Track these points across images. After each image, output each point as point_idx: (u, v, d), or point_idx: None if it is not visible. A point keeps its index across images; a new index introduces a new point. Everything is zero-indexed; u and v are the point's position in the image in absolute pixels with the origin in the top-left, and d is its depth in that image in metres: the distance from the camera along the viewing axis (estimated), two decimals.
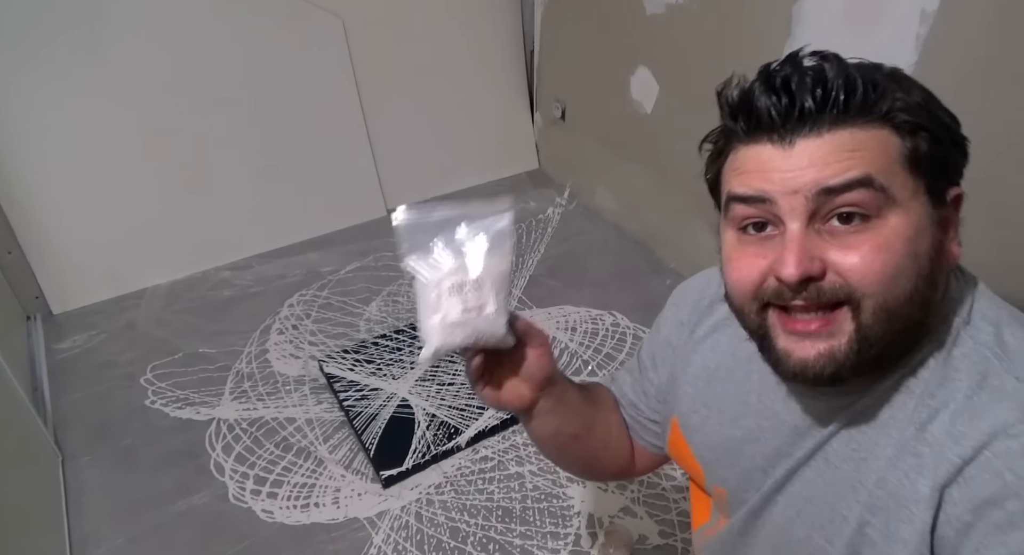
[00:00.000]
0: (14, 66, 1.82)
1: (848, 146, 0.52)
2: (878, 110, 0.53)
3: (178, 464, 1.58)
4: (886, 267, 0.52)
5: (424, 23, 2.33)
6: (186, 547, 1.41)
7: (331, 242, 2.35)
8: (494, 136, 2.64)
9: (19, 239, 1.97)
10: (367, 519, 1.44)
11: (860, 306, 0.53)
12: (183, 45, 2.00)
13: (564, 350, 1.86)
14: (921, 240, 0.53)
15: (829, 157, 0.52)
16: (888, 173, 0.52)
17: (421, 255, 0.62)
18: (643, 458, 0.88)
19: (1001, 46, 1.15)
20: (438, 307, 0.61)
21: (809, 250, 0.52)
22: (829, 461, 0.61)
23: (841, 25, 1.42)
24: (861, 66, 0.55)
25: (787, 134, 0.53)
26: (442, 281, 0.61)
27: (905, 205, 0.53)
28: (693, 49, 1.83)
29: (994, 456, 0.51)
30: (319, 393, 1.75)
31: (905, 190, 0.53)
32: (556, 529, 1.40)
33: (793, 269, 0.52)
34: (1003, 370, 0.53)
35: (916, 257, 0.53)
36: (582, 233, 2.34)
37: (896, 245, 0.52)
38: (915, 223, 0.53)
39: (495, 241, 0.63)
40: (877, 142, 0.52)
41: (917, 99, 0.54)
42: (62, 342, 1.97)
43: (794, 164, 0.53)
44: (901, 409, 0.56)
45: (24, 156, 1.91)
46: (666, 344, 0.80)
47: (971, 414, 0.53)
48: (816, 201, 0.52)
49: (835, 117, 0.52)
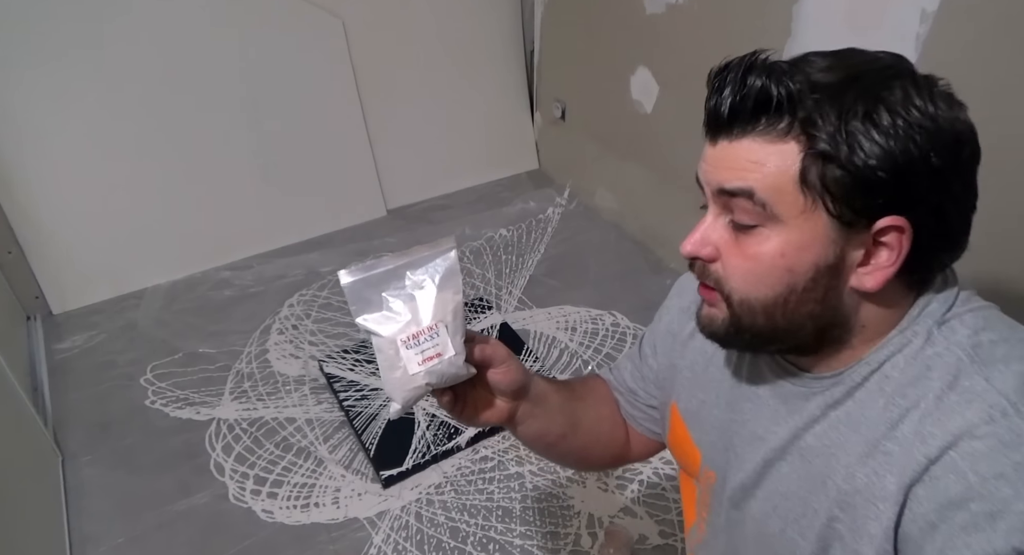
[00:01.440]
0: (14, 66, 1.82)
1: (749, 156, 0.55)
2: (784, 128, 0.53)
3: (178, 464, 1.58)
4: (748, 274, 0.58)
5: (424, 23, 2.33)
6: (186, 547, 1.41)
7: (331, 242, 2.35)
8: (494, 136, 2.64)
9: (19, 239, 1.97)
10: (367, 519, 1.44)
11: (729, 297, 0.59)
12: (183, 45, 2.00)
13: (564, 350, 1.86)
14: (800, 256, 0.55)
15: (731, 162, 0.56)
16: (775, 191, 0.54)
17: (372, 311, 0.63)
18: (640, 444, 0.90)
19: (1001, 46, 1.16)
20: (397, 362, 0.62)
21: (708, 236, 0.59)
22: (804, 456, 0.62)
23: (841, 25, 1.42)
24: (800, 75, 0.53)
25: (712, 132, 0.57)
26: (397, 335, 0.62)
27: (788, 223, 0.55)
28: (693, 49, 1.83)
29: (959, 457, 0.51)
30: (319, 393, 1.75)
31: (792, 208, 0.54)
32: (556, 529, 1.40)
33: (686, 247, 0.60)
34: (974, 371, 0.54)
35: (788, 271, 0.56)
36: (582, 233, 2.34)
37: (764, 257, 0.56)
38: (795, 241, 0.55)
39: (444, 282, 0.64)
40: (777, 157, 0.54)
41: (835, 123, 0.52)
42: (62, 342, 1.97)
43: (711, 161, 0.58)
44: (872, 407, 0.58)
45: (24, 156, 1.91)
46: (667, 332, 0.82)
47: (939, 415, 0.54)
48: (719, 197, 0.58)
49: (743, 126, 0.55)
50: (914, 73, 0.54)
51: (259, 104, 2.16)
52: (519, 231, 2.35)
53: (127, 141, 2.02)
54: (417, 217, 2.45)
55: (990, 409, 0.52)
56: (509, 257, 2.23)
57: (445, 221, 2.40)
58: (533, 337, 1.90)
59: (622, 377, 0.89)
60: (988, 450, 0.51)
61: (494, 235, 2.33)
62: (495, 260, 2.22)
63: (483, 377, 0.69)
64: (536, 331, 1.93)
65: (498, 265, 2.20)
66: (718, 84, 0.56)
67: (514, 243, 2.30)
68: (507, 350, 0.70)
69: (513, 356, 0.71)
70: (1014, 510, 0.48)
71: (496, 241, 2.31)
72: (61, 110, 1.91)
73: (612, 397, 0.90)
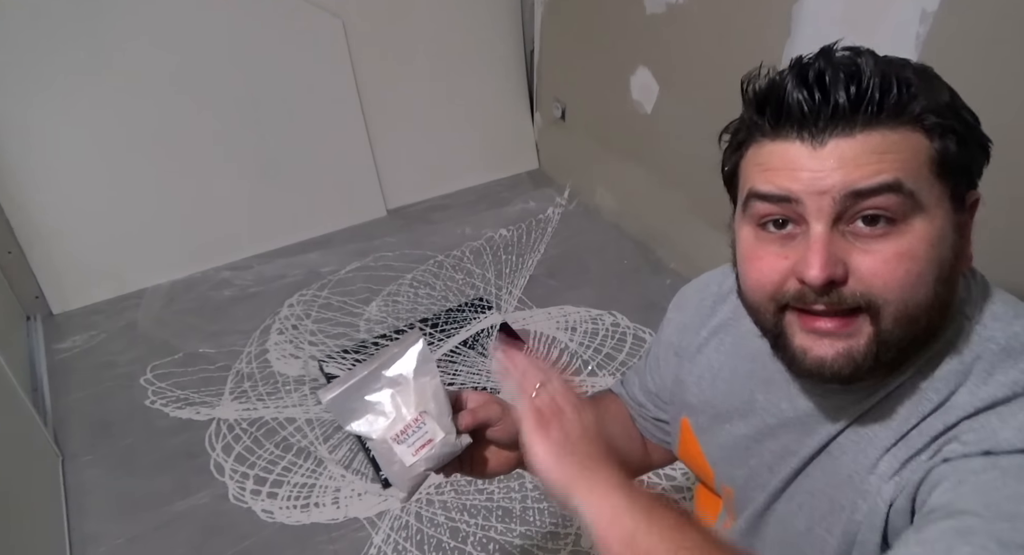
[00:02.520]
0: (14, 66, 1.82)
1: (880, 148, 0.50)
2: (910, 112, 0.51)
3: (178, 464, 1.58)
4: (908, 274, 0.51)
5: (424, 23, 2.33)
6: (186, 547, 1.41)
7: (331, 242, 2.35)
8: (494, 136, 2.64)
9: (19, 239, 1.97)
10: (367, 519, 1.44)
11: (880, 313, 0.52)
12: (183, 45, 2.00)
13: (564, 350, 1.86)
14: (943, 245, 0.52)
15: (860, 158, 0.50)
16: (917, 178, 0.51)
17: (358, 417, 0.66)
18: (658, 452, 0.89)
19: (1001, 46, 1.16)
20: (393, 457, 0.65)
21: (834, 253, 0.51)
22: (831, 454, 0.60)
23: (841, 25, 1.42)
24: (893, 63, 0.53)
25: (818, 132, 0.51)
26: (386, 435, 0.65)
27: (931, 211, 0.52)
28: (693, 49, 1.83)
29: (994, 414, 0.51)
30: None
31: (931, 196, 0.52)
32: (556, 529, 1.40)
33: (818, 271, 0.51)
34: (1010, 365, 0.53)
35: (938, 262, 0.52)
36: (582, 233, 2.34)
37: (920, 251, 0.51)
38: (939, 228, 0.52)
39: (418, 371, 0.66)
40: (908, 145, 0.51)
41: (945, 99, 0.53)
42: (62, 342, 1.97)
43: (823, 164, 0.51)
44: (906, 403, 0.56)
45: (24, 156, 1.91)
46: (668, 347, 0.80)
47: (968, 406, 0.53)
48: (843, 203, 0.51)
49: (868, 117, 0.50)
50: None
51: (259, 104, 2.16)
52: (519, 231, 2.35)
53: (127, 141, 2.02)
54: (417, 217, 2.45)
55: (1014, 386, 0.52)
56: (509, 257, 2.23)
57: (445, 221, 2.40)
58: (533, 337, 1.90)
59: (632, 391, 0.88)
60: (1008, 412, 0.51)
61: (494, 235, 2.33)
62: (495, 260, 2.22)
63: (482, 435, 0.70)
64: (536, 331, 1.93)
65: (498, 265, 2.20)
66: (817, 76, 0.51)
67: (514, 243, 2.30)
68: (499, 406, 0.70)
69: (508, 409, 0.70)
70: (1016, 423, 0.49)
71: (496, 241, 2.30)
72: (61, 110, 1.91)
73: (625, 413, 0.89)
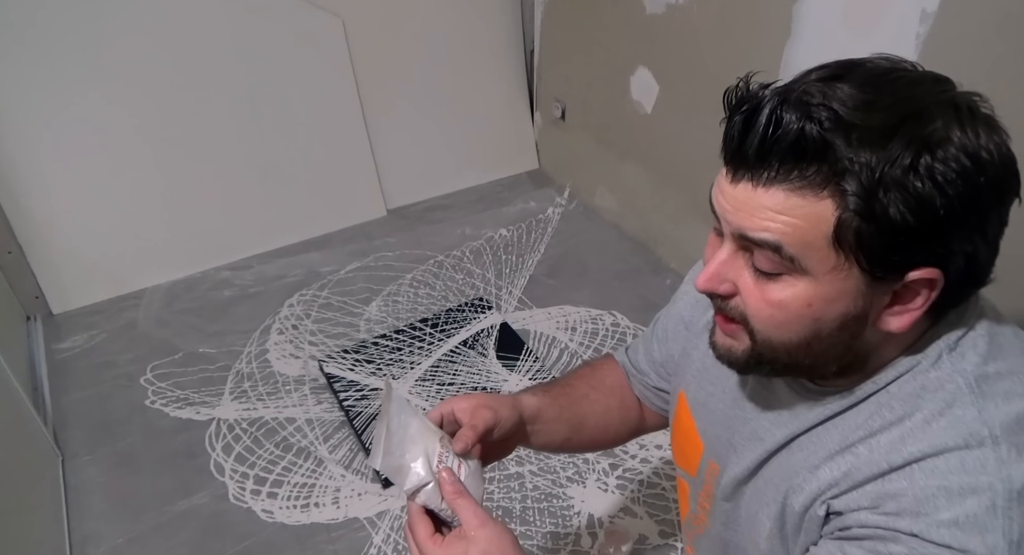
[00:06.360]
0: (14, 66, 1.82)
1: (776, 207, 0.50)
2: (818, 186, 0.49)
3: (178, 464, 1.58)
4: (772, 319, 0.55)
5: (424, 23, 2.33)
6: (186, 547, 1.41)
7: (331, 242, 2.35)
8: (494, 136, 2.63)
9: (19, 239, 1.96)
10: (367, 519, 1.44)
11: (752, 332, 0.57)
12: (183, 45, 2.00)
13: (564, 350, 1.86)
14: (828, 308, 0.53)
15: (754, 209, 0.52)
16: (804, 246, 0.51)
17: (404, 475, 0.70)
18: (654, 417, 0.93)
19: (1001, 46, 1.16)
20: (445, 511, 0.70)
21: (725, 272, 0.57)
22: (791, 450, 0.64)
23: (841, 25, 1.42)
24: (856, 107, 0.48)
25: (733, 170, 0.53)
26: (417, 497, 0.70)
27: (818, 277, 0.52)
28: (693, 49, 1.83)
29: (919, 469, 0.53)
30: (319, 393, 1.75)
31: (823, 264, 0.51)
32: (556, 529, 1.40)
33: (701, 283, 0.58)
34: (970, 402, 0.53)
35: (814, 321, 0.54)
36: (582, 233, 2.34)
37: (792, 306, 0.54)
38: (824, 294, 0.52)
39: (398, 434, 0.68)
40: (808, 212, 0.49)
41: (895, 174, 0.47)
42: (62, 342, 1.97)
43: (731, 200, 0.54)
44: (864, 415, 0.59)
45: (24, 156, 1.91)
46: (679, 320, 0.83)
47: (921, 435, 0.54)
48: (741, 240, 0.55)
49: (772, 173, 0.50)
50: (955, 100, 0.50)
51: (259, 104, 2.16)
52: (519, 231, 2.35)
53: (127, 141, 2.02)
54: (417, 217, 2.45)
55: (968, 436, 0.52)
56: (509, 257, 2.23)
57: (445, 221, 2.40)
58: (533, 337, 1.90)
59: (636, 358, 0.91)
60: (946, 468, 0.51)
61: (494, 235, 2.33)
62: (495, 260, 2.22)
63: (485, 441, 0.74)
64: (536, 331, 1.93)
65: (498, 265, 2.20)
66: (746, 117, 0.50)
67: (514, 243, 2.30)
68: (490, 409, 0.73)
69: (500, 407, 0.74)
70: (935, 519, 0.50)
71: (496, 241, 2.30)
72: (61, 110, 1.91)
73: (622, 384, 0.92)
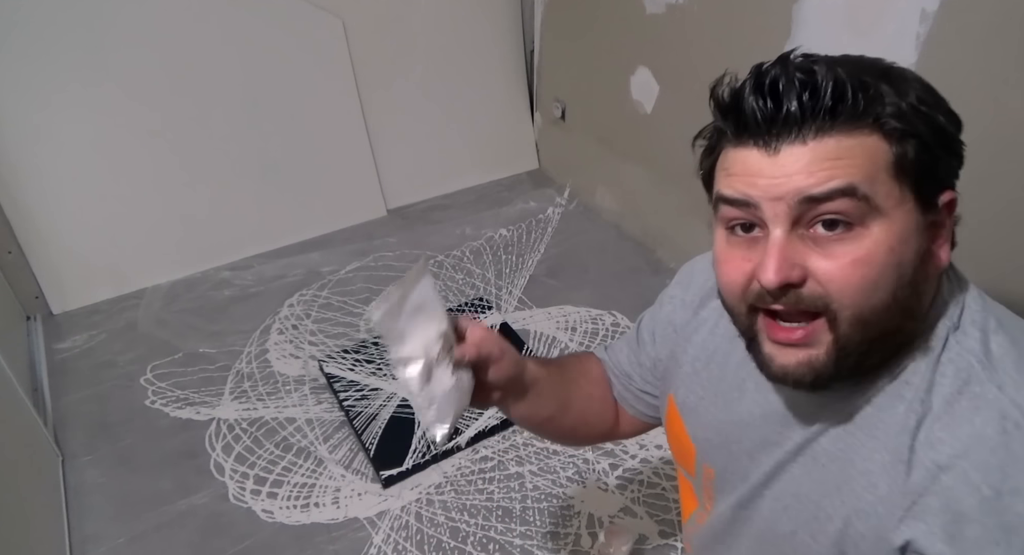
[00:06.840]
0: (14, 66, 1.82)
1: (833, 154, 0.51)
2: (866, 117, 0.51)
3: (178, 464, 1.58)
4: (864, 280, 0.52)
5: (424, 23, 2.33)
6: (186, 547, 1.41)
7: (331, 242, 2.35)
8: (494, 136, 2.63)
9: (19, 239, 1.96)
10: (367, 519, 1.44)
11: (837, 317, 0.53)
12: (183, 45, 2.00)
13: (564, 350, 1.86)
14: (905, 249, 0.53)
15: (813, 166, 0.51)
16: (872, 182, 0.51)
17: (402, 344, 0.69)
18: (628, 424, 0.90)
19: (1001, 46, 1.15)
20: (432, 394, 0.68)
21: (790, 257, 0.53)
22: (816, 459, 0.61)
23: (841, 25, 1.42)
24: (854, 65, 0.54)
25: (772, 140, 0.53)
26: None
27: (889, 214, 0.52)
28: (693, 49, 1.83)
29: (971, 468, 0.51)
30: (319, 393, 1.75)
31: (890, 199, 0.52)
32: (556, 529, 1.40)
33: (772, 276, 0.53)
34: (986, 378, 0.53)
35: (898, 266, 0.53)
36: (582, 233, 2.34)
37: (877, 256, 0.52)
38: (899, 232, 0.52)
39: (414, 304, 0.70)
40: (863, 150, 0.51)
41: (911, 101, 0.53)
42: (62, 342, 1.97)
43: (778, 171, 0.52)
44: (891, 414, 0.57)
45: (24, 156, 1.91)
46: (667, 322, 0.82)
47: (948, 419, 0.53)
48: (799, 208, 0.52)
49: (821, 124, 0.51)
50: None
51: (259, 104, 2.16)
52: (519, 231, 2.35)
53: (127, 141, 2.02)
54: (417, 217, 2.45)
55: (1003, 420, 0.51)
56: (509, 257, 2.23)
57: (445, 221, 2.40)
58: (533, 337, 1.90)
59: (618, 359, 0.89)
60: (1001, 463, 0.50)
61: (494, 235, 2.33)
62: (495, 260, 2.22)
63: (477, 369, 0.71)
64: (536, 331, 1.93)
65: (498, 265, 2.20)
66: (771, 86, 0.52)
67: (514, 243, 2.30)
68: (498, 346, 0.72)
69: (507, 350, 0.73)
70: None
71: (496, 241, 2.30)
72: (61, 110, 1.91)
73: (604, 378, 0.90)
